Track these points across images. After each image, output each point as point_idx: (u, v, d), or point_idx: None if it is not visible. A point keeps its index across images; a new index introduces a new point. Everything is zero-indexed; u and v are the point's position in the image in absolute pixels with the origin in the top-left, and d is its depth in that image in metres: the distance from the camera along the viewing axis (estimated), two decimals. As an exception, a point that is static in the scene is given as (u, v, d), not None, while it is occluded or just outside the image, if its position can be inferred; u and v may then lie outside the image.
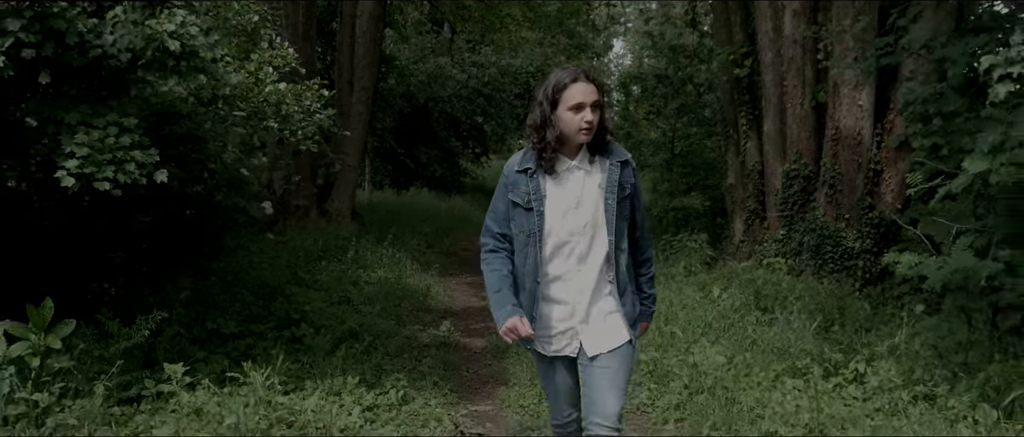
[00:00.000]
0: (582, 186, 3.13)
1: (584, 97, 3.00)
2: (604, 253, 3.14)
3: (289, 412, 4.51)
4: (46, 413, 4.07)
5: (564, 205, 3.13)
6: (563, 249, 3.15)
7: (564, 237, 3.14)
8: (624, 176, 3.14)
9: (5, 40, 4.07)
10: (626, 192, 3.17)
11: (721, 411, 4.98)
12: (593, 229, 3.13)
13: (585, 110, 3.01)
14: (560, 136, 3.06)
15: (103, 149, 4.27)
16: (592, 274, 3.14)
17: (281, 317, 6.95)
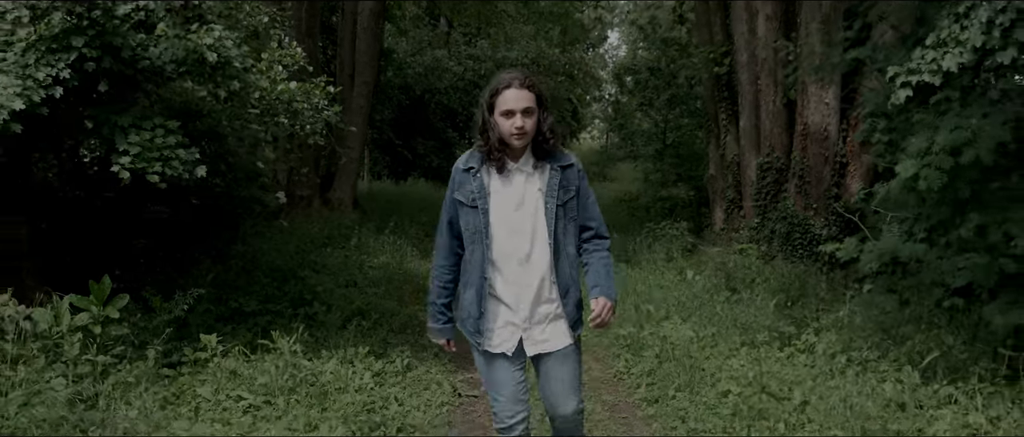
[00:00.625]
0: (524, 189, 3.25)
1: (515, 104, 3.11)
2: (547, 255, 3.25)
3: (311, 374, 5.29)
4: (106, 373, 4.83)
5: (507, 205, 3.25)
6: (507, 248, 3.26)
7: (507, 237, 3.25)
8: (566, 179, 3.26)
9: (70, 54, 4.82)
10: (570, 194, 3.27)
11: (685, 376, 5.76)
12: (534, 231, 3.24)
13: (515, 116, 3.11)
14: (501, 139, 3.19)
15: (152, 148, 5.03)
16: (535, 275, 3.25)
17: (295, 297, 7.71)
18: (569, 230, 3.30)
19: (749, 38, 9.89)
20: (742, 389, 5.30)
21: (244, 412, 4.70)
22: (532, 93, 3.16)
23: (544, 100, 3.23)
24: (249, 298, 7.34)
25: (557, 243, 3.25)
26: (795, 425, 4.75)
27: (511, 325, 3.30)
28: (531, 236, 3.24)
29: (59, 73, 4.80)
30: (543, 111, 3.22)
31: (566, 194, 3.26)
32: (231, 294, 7.35)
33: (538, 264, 3.24)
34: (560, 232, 3.26)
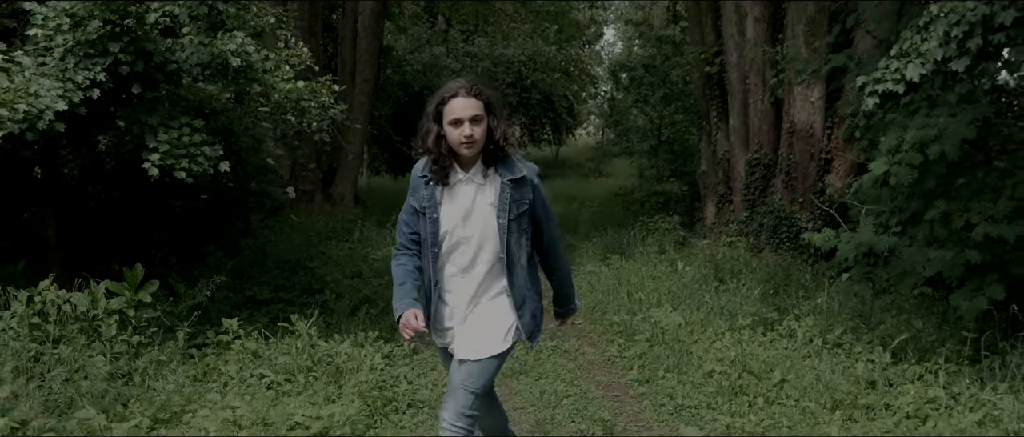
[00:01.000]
0: (473, 200, 3.24)
1: (462, 112, 3.10)
2: (487, 265, 3.28)
3: (327, 354, 5.72)
4: (140, 352, 5.27)
5: (454, 216, 3.25)
6: (452, 256, 3.30)
7: (453, 245, 3.28)
8: (519, 193, 3.25)
9: (107, 59, 5.25)
10: (523, 209, 3.27)
11: (674, 358, 6.22)
12: (479, 242, 3.26)
13: (463, 125, 3.10)
14: (449, 149, 3.18)
15: (180, 145, 5.46)
16: (473, 283, 3.29)
17: (304, 287, 8.16)
18: (522, 243, 3.32)
19: (738, 39, 10.33)
20: (725, 368, 5.75)
21: (267, 388, 5.14)
22: (480, 101, 3.15)
23: (494, 108, 3.21)
24: (262, 287, 7.79)
25: (510, 256, 3.28)
26: (773, 400, 5.21)
27: (450, 327, 3.37)
28: (476, 248, 3.26)
29: (96, 76, 5.22)
30: (493, 118, 3.20)
31: (519, 208, 3.26)
32: (245, 283, 7.79)
33: (477, 273, 3.29)
34: (513, 245, 3.28)
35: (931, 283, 6.43)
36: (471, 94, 3.14)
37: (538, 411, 5.46)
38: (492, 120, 3.19)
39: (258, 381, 5.23)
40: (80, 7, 5.15)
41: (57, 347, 4.98)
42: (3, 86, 4.70)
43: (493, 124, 3.19)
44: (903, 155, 5.56)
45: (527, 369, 6.27)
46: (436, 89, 3.19)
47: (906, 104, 5.97)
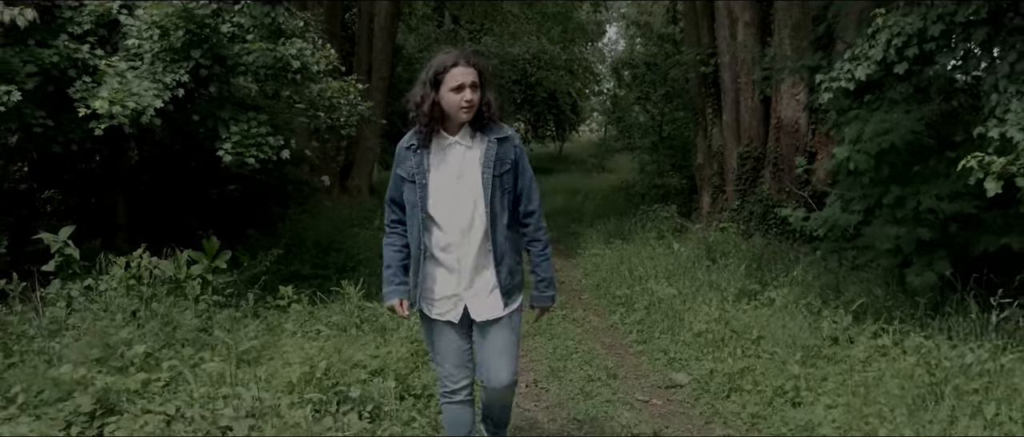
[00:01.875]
0: (462, 161, 3.46)
1: (464, 78, 3.34)
2: (484, 224, 3.46)
3: (372, 314, 6.78)
4: (217, 310, 6.32)
5: (447, 178, 3.45)
6: (447, 220, 3.46)
7: (447, 208, 3.45)
8: (503, 151, 3.47)
9: (189, 63, 6.30)
10: (506, 167, 3.48)
11: (668, 323, 7.29)
12: (474, 201, 3.44)
13: (465, 90, 3.34)
14: (442, 115, 3.40)
15: (249, 136, 6.51)
16: (474, 244, 3.46)
17: (339, 264, 9.19)
18: (505, 201, 3.50)
19: (730, 42, 11.38)
20: (711, 328, 6.81)
21: (326, 340, 6.19)
22: (476, 70, 3.40)
23: (486, 77, 3.46)
24: (303, 264, 8.84)
25: (493, 212, 3.46)
26: (750, 352, 6.26)
27: (453, 294, 3.52)
28: (472, 206, 3.44)
29: (180, 78, 6.28)
30: (484, 87, 3.44)
31: (502, 166, 3.47)
32: (288, 261, 8.83)
33: (477, 233, 3.46)
34: (496, 202, 3.46)
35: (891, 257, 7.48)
36: (470, 63, 3.39)
37: (552, 362, 6.52)
38: (484, 89, 3.44)
39: (316, 334, 6.28)
40: (167, 20, 6.20)
41: (150, 305, 6.03)
42: (114, 87, 5.75)
43: (484, 92, 3.44)
44: (862, 145, 6.61)
45: (540, 331, 7.33)
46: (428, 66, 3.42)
47: (869, 101, 7.01)
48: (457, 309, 3.53)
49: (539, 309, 3.73)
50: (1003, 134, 4.84)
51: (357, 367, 5.41)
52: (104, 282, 6.09)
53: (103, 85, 5.97)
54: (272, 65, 6.65)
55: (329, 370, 5.01)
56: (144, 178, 9.04)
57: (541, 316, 3.79)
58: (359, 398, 4.70)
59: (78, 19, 6.40)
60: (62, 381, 4.35)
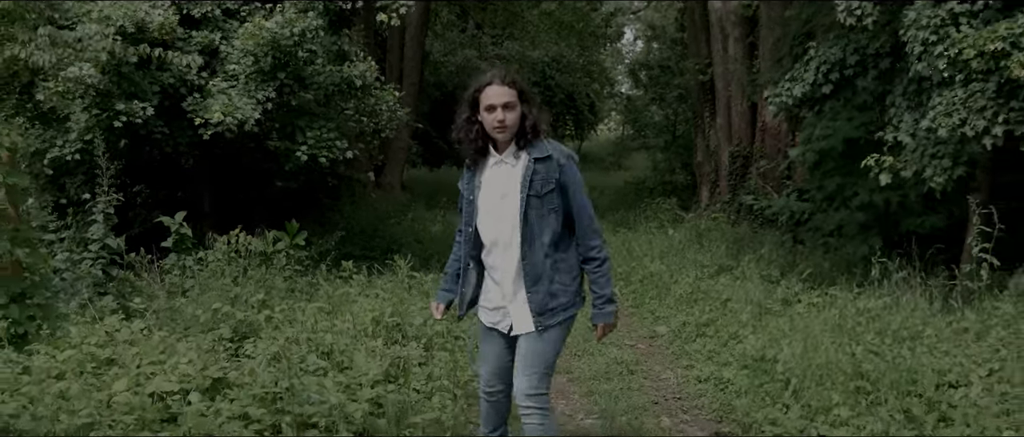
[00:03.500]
0: (507, 180, 3.51)
1: (496, 99, 3.38)
2: (519, 244, 3.52)
3: (418, 283, 8.62)
4: (299, 277, 8.17)
5: (492, 197, 3.55)
6: (491, 237, 3.58)
7: (492, 226, 3.56)
8: (543, 171, 3.46)
9: (276, 82, 8.17)
10: (549, 187, 3.46)
11: (657, 291, 9.10)
12: (511, 221, 3.51)
13: (496, 111, 3.38)
14: (483, 133, 3.49)
15: (321, 140, 8.37)
16: (513, 262, 3.54)
17: (383, 247, 11.06)
18: (547, 220, 3.51)
19: (723, 55, 13.16)
20: (689, 293, 8.62)
21: (384, 300, 8.04)
22: (513, 89, 3.43)
23: (526, 95, 3.48)
24: (354, 247, 10.71)
25: (530, 233, 3.50)
26: (717, 309, 8.06)
27: (501, 306, 3.65)
28: (511, 225, 3.51)
29: (268, 94, 8.15)
30: (527, 105, 3.46)
31: (544, 186, 3.47)
32: (342, 244, 10.71)
33: (515, 252, 3.53)
34: (532, 222, 3.49)
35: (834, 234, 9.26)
36: (505, 83, 3.43)
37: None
38: (525, 107, 3.46)
39: (376, 297, 8.12)
40: (258, 48, 8.07)
41: (247, 272, 7.88)
42: (223, 102, 7.63)
43: (526, 110, 3.46)
44: (811, 145, 8.40)
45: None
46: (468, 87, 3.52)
47: (819, 110, 8.78)
48: (505, 321, 3.66)
49: (600, 326, 3.70)
50: (896, 138, 6.61)
51: (417, 314, 7.26)
52: (210, 255, 7.95)
53: (213, 100, 7.86)
54: (339, 83, 8.50)
55: (394, 316, 6.86)
56: (225, 175, 10.95)
57: (604, 334, 3.73)
58: (415, 334, 6.55)
59: (188, 49, 8.29)
60: (204, 317, 6.22)
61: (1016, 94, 5.47)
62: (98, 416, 4.03)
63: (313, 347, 5.79)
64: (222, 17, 8.53)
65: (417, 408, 4.92)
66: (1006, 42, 5.31)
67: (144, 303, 6.92)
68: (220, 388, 4.65)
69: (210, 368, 4.81)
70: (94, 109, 7.47)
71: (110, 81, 7.28)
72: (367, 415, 4.63)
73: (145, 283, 7.59)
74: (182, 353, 5.12)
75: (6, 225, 5.13)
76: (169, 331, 6.04)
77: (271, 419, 4.29)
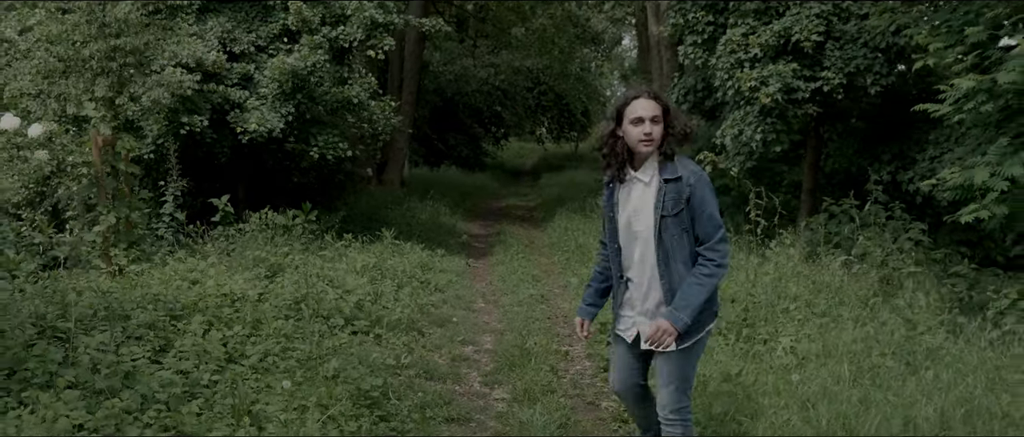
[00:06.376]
0: (640, 197, 3.76)
1: (644, 112, 3.63)
2: (655, 261, 3.76)
3: (399, 251, 12.04)
4: (309, 242, 11.60)
5: (627, 214, 3.82)
6: (628, 253, 3.87)
7: (628, 241, 3.84)
8: (674, 191, 3.67)
9: (294, 101, 11.61)
10: (680, 206, 3.66)
11: (581, 259, 12.49)
12: (645, 238, 3.76)
13: (644, 123, 3.61)
14: (626, 148, 3.73)
15: (329, 142, 11.81)
16: (645, 276, 3.80)
17: (377, 226, 14.49)
18: (683, 239, 3.72)
19: (660, 72, 16.54)
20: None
21: (372, 256, 11.45)
22: (659, 105, 3.67)
23: (670, 113, 3.71)
24: (356, 228, 14.15)
25: (665, 250, 3.73)
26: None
27: (632, 317, 3.93)
28: (644, 241, 3.77)
29: (289, 110, 11.59)
30: (670, 122, 3.70)
31: (675, 206, 3.67)
32: (346, 226, 14.17)
33: (648, 267, 3.78)
34: (668, 239, 3.71)
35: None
36: (651, 97, 3.67)
37: (505, 275, 11.72)
38: (669, 123, 3.68)
39: (369, 255, 11.54)
40: (282, 76, 11.49)
41: (273, 239, 11.30)
42: (258, 116, 11.07)
43: (670, 127, 3.68)
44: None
45: (505, 261, 12.58)
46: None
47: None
48: (632, 331, 3.94)
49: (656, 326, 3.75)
50: (721, 142, 9.99)
51: (391, 266, 10.69)
52: (246, 227, 11.38)
53: (249, 114, 11.31)
54: (341, 100, 11.95)
55: (376, 265, 10.29)
56: (254, 171, 14.42)
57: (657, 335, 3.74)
58: (393, 275, 9.97)
59: (230, 77, 11.73)
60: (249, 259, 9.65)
61: (767, 115, 8.84)
62: (198, 299, 7.41)
63: (321, 277, 9.21)
64: (255, 52, 11.99)
65: (386, 311, 8.33)
66: (757, 81, 8.68)
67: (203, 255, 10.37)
68: (265, 298, 8.05)
69: (257, 285, 8.23)
70: (165, 122, 10.91)
71: (177, 101, 10.69)
72: (353, 309, 8.03)
73: (201, 244, 11.05)
74: (237, 278, 8.53)
75: (124, 199, 8.70)
76: (226, 268, 9.48)
77: (296, 312, 7.67)
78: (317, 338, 6.70)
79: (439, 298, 10.04)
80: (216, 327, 6.48)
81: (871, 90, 9.41)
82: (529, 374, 6.53)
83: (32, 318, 5.68)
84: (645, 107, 3.64)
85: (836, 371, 5.28)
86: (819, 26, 9.35)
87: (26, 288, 6.75)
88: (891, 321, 6.31)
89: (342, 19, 12.16)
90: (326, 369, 5.81)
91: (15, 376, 4.86)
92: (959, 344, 5.60)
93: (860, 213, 9.06)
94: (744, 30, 9.54)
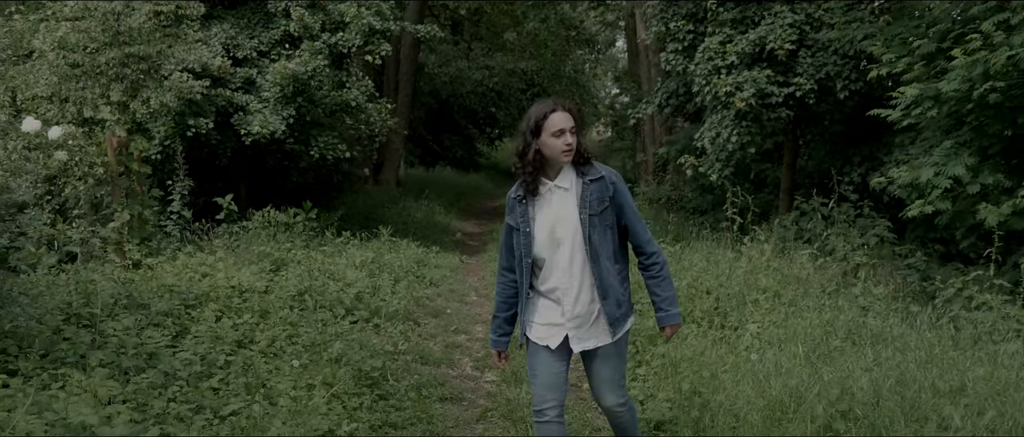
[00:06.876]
0: (562, 204, 3.82)
1: (564, 124, 3.72)
2: (585, 262, 3.81)
3: (396, 248, 12.59)
4: (312, 240, 12.15)
5: (548, 223, 3.83)
6: (551, 262, 3.85)
7: (550, 251, 3.84)
8: (598, 190, 3.80)
9: (295, 104, 12.16)
10: (605, 204, 3.79)
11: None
12: (574, 241, 3.81)
13: (565, 134, 3.71)
14: (543, 161, 3.79)
15: (329, 143, 12.36)
16: (577, 281, 3.83)
17: (374, 225, 15.05)
18: (607, 236, 3.83)
19: (648, 75, 17.14)
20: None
21: (371, 251, 12.00)
22: (573, 116, 3.79)
23: (578, 122, 3.82)
24: (354, 225, 14.71)
25: (593, 249, 3.81)
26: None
27: (554, 324, 3.92)
28: (570, 246, 3.81)
29: (291, 113, 12.13)
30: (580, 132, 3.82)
31: (600, 205, 3.80)
32: (344, 224, 14.73)
33: (579, 270, 3.83)
34: (596, 239, 3.80)
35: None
36: (566, 109, 3.79)
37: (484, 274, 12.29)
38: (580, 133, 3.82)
39: (367, 251, 12.09)
40: (283, 80, 12.03)
41: (276, 236, 11.85)
42: (261, 119, 11.62)
43: (581, 136, 3.83)
44: (668, 147, 12.36)
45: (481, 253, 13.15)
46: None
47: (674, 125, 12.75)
48: (556, 337, 3.93)
49: (669, 328, 4.02)
50: (702, 145, 10.56)
51: (392, 260, 11.25)
52: (249, 225, 11.92)
53: (252, 117, 11.86)
54: (339, 103, 12.51)
55: (374, 260, 10.84)
56: (255, 171, 14.97)
57: (672, 335, 4.06)
58: (390, 269, 10.53)
59: (233, 81, 12.27)
60: (255, 254, 10.19)
61: (742, 119, 9.42)
62: (209, 290, 7.95)
63: (322, 271, 9.76)
64: (257, 57, 12.54)
65: (384, 303, 8.89)
66: (732, 87, 9.26)
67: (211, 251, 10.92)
68: (271, 290, 8.59)
69: (263, 278, 8.79)
70: (172, 124, 11.45)
71: (184, 105, 11.23)
72: (353, 300, 8.59)
73: (206, 240, 11.59)
74: (244, 272, 9.08)
75: (136, 197, 9.24)
76: (233, 262, 10.03)
77: (300, 302, 8.22)
78: (321, 326, 7.24)
79: (434, 292, 10.61)
80: (227, 316, 7.03)
81: (841, 95, 10.00)
82: (516, 359, 7.07)
83: (59, 307, 6.22)
84: (564, 119, 3.75)
85: (792, 352, 5.85)
86: (792, 35, 9.95)
87: (49, 280, 7.29)
88: (847, 308, 6.88)
89: (341, 26, 12.72)
90: (330, 353, 6.36)
91: (47, 357, 5.37)
92: (903, 327, 6.17)
93: (827, 211, 9.65)
94: (722, 38, 10.14)
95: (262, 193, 14.42)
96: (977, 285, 6.52)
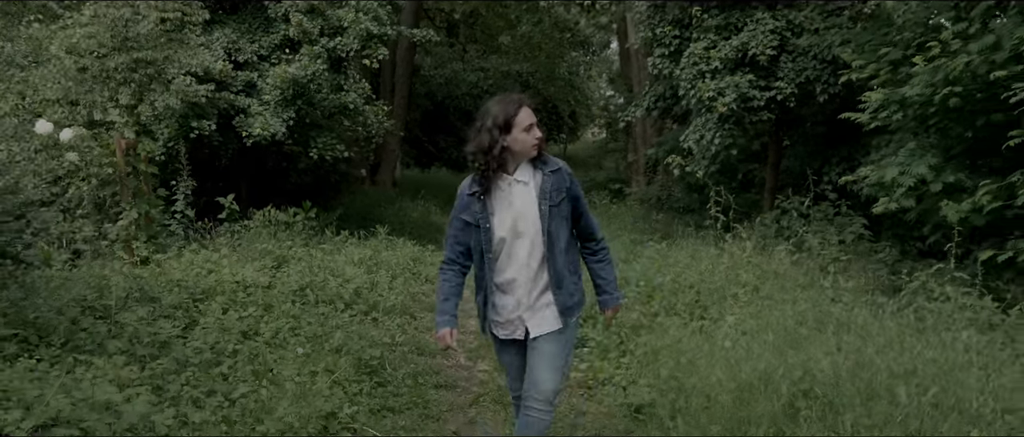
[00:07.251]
0: (522, 197, 3.90)
1: (531, 118, 3.83)
2: (543, 252, 3.91)
3: (393, 246, 12.99)
4: (311, 239, 12.54)
5: (508, 217, 3.91)
6: (510, 254, 3.95)
7: (510, 243, 3.93)
8: (556, 182, 3.90)
9: (295, 107, 12.56)
10: (562, 196, 3.90)
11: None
12: (534, 232, 3.89)
13: (534, 129, 3.84)
14: (510, 155, 3.85)
15: (327, 144, 12.76)
16: (535, 271, 3.94)
17: (371, 224, 15.44)
18: (563, 227, 3.94)
19: (638, 77, 17.54)
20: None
21: (369, 250, 12.39)
22: (533, 111, 3.90)
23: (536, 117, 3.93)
24: (352, 225, 15.11)
25: (551, 239, 3.90)
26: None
27: (516, 316, 4.04)
28: (532, 237, 3.91)
29: (290, 115, 12.53)
30: None
31: (558, 195, 3.90)
32: (342, 224, 15.11)
33: (536, 261, 3.94)
34: (553, 229, 3.90)
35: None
36: (529, 106, 3.90)
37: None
38: None
39: (365, 249, 12.48)
40: (283, 83, 12.43)
41: (276, 234, 12.23)
42: (262, 121, 12.02)
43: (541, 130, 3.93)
44: (657, 148, 12.77)
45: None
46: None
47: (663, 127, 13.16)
48: (520, 329, 4.06)
49: (610, 310, 4.27)
50: (688, 146, 10.97)
51: (388, 258, 11.65)
52: (251, 223, 12.31)
53: (253, 119, 12.25)
54: (338, 106, 12.92)
55: (372, 258, 11.24)
56: (256, 172, 15.36)
57: (613, 316, 4.31)
58: (387, 267, 10.92)
59: (235, 84, 12.67)
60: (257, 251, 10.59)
61: (725, 122, 9.84)
62: (215, 285, 8.35)
63: (322, 268, 10.16)
64: (257, 61, 12.94)
65: (381, 298, 9.29)
66: (715, 91, 9.68)
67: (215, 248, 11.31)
68: (274, 285, 8.99)
69: (266, 274, 9.18)
70: (176, 126, 11.84)
71: (188, 107, 11.62)
72: (352, 295, 8.99)
73: (210, 239, 11.98)
74: (248, 268, 9.47)
75: (144, 196, 9.63)
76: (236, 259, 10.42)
77: (302, 297, 8.61)
78: (322, 319, 7.65)
79: (429, 288, 11.01)
80: (233, 309, 7.42)
81: (820, 98, 10.43)
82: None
83: (75, 299, 6.61)
84: (531, 114, 3.87)
85: (764, 339, 6.25)
86: (774, 41, 10.37)
87: (63, 275, 7.69)
88: (818, 300, 7.29)
89: (339, 31, 13.13)
90: (331, 343, 6.77)
91: (67, 345, 5.76)
92: (867, 317, 6.58)
93: (805, 209, 10.08)
94: (706, 44, 10.56)
95: (262, 193, 14.82)
96: (937, 278, 6.94)
